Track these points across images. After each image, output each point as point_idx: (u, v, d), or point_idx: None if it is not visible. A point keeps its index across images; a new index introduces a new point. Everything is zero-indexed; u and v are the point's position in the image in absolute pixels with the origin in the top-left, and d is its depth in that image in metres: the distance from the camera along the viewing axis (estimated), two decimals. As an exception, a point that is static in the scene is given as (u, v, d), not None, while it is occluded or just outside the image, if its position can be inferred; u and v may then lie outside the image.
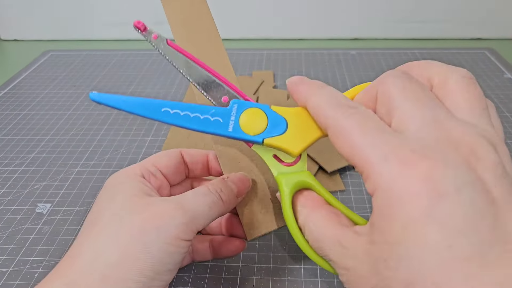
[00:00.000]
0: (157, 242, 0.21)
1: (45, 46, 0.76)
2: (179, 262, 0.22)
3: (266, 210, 0.27)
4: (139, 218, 0.21)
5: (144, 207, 0.22)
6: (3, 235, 0.35)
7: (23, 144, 0.47)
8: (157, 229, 0.21)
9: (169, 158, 0.27)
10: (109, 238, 0.21)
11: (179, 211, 0.22)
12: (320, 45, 0.73)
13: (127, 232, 0.21)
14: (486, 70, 0.61)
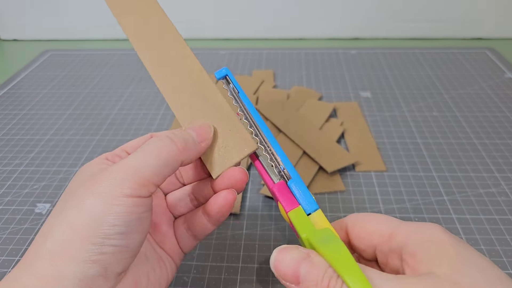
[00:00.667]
0: (99, 206, 0.20)
1: (45, 46, 0.76)
2: (135, 222, 0.20)
3: (227, 144, 0.25)
4: (82, 189, 0.21)
5: (90, 178, 0.21)
6: (3, 235, 0.35)
7: (22, 144, 0.47)
8: (97, 194, 0.20)
9: (136, 140, 0.26)
10: (56, 217, 0.20)
11: (119, 169, 0.21)
12: (320, 45, 0.73)
13: (70, 205, 0.20)
14: (486, 70, 0.61)
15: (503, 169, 0.41)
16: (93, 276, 0.19)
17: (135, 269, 0.23)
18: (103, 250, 0.19)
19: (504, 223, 0.35)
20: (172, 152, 0.22)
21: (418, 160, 0.43)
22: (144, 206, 0.21)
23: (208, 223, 0.26)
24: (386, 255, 0.21)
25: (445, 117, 0.50)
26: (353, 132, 0.47)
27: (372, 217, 0.22)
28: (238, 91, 0.25)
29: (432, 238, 0.19)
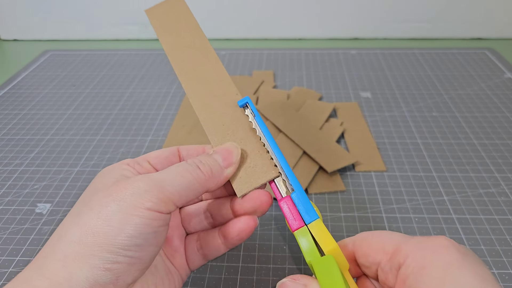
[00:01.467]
0: (118, 214, 0.20)
1: (45, 46, 0.76)
2: (150, 236, 0.20)
3: (255, 164, 0.25)
4: (102, 194, 0.21)
5: (113, 184, 0.21)
6: (3, 235, 0.35)
7: (22, 144, 0.47)
8: (118, 201, 0.20)
9: (161, 151, 0.26)
10: (73, 218, 0.20)
11: (144, 181, 0.21)
12: (320, 45, 0.73)
13: (89, 209, 0.20)
14: (486, 70, 0.61)
15: (503, 169, 0.41)
16: (104, 283, 0.19)
17: (144, 279, 0.23)
18: (117, 259, 0.19)
19: (504, 223, 0.35)
20: (199, 179, 0.22)
21: (418, 160, 0.43)
22: (162, 220, 0.21)
23: (222, 245, 0.26)
24: (387, 273, 0.21)
25: (444, 118, 0.50)
26: (353, 132, 0.47)
27: (378, 234, 0.22)
28: (255, 114, 0.27)
29: (425, 262, 0.19)
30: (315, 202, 0.38)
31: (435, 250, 0.19)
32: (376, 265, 0.22)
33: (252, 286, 0.30)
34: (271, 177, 0.24)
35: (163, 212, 0.21)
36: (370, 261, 0.22)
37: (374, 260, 0.22)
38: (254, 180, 0.24)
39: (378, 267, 0.22)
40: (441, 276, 0.18)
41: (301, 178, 0.39)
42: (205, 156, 0.24)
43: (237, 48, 0.71)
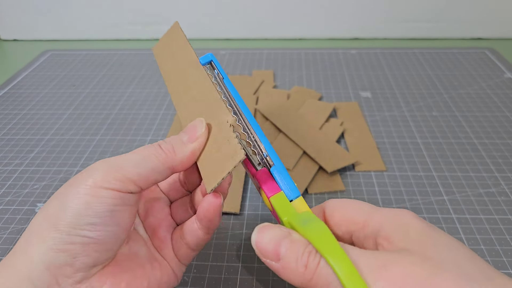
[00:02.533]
0: (75, 195, 0.20)
1: (45, 46, 0.76)
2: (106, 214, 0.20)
3: (218, 148, 0.23)
4: (66, 184, 0.21)
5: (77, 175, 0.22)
6: (3, 235, 0.35)
7: (22, 143, 0.47)
8: (76, 185, 0.20)
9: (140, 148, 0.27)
10: (39, 211, 0.21)
11: (100, 163, 0.21)
12: (320, 45, 0.73)
13: (51, 199, 0.21)
14: (486, 70, 0.61)
15: (503, 169, 0.41)
16: (60, 264, 0.19)
17: (117, 263, 0.22)
18: (72, 240, 0.19)
19: (504, 223, 0.35)
20: (160, 157, 0.22)
21: (418, 160, 0.43)
22: (119, 199, 0.21)
23: (199, 230, 0.25)
24: (362, 241, 0.21)
25: (445, 117, 0.50)
26: (353, 132, 0.47)
27: (349, 204, 0.23)
28: (223, 76, 0.25)
29: (405, 222, 0.20)
30: (315, 202, 0.38)
31: (408, 217, 0.20)
32: (349, 234, 0.22)
33: (252, 286, 0.30)
34: (237, 160, 0.21)
35: (121, 190, 0.21)
36: (343, 230, 0.22)
37: (347, 230, 0.22)
38: (222, 171, 0.22)
39: (353, 236, 0.22)
40: (424, 232, 0.19)
41: (301, 178, 0.39)
42: (171, 137, 0.24)
43: (237, 48, 0.71)
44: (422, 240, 0.18)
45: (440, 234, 0.19)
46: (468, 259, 0.18)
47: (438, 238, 0.18)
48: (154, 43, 0.76)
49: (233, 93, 0.25)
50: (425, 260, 0.17)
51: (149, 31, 0.77)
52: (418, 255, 0.17)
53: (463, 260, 0.17)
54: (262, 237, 0.20)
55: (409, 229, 0.19)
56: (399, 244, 0.18)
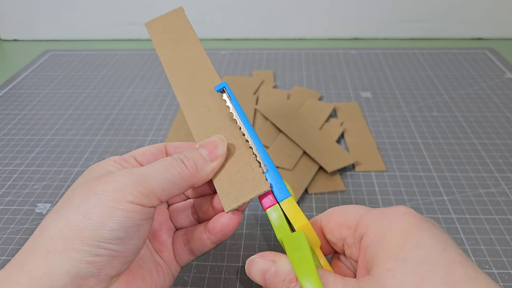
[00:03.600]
0: (99, 207, 0.20)
1: (45, 46, 0.76)
2: (132, 229, 0.20)
3: (245, 178, 0.24)
4: (83, 188, 0.21)
5: (96, 178, 0.21)
6: (3, 235, 0.35)
7: (23, 144, 0.47)
8: (99, 194, 0.20)
9: (148, 147, 0.26)
10: (54, 213, 0.20)
11: (126, 175, 0.21)
12: (320, 45, 0.73)
13: (70, 203, 0.20)
14: (486, 70, 0.61)
15: (503, 169, 0.41)
16: (86, 276, 0.19)
17: (130, 271, 0.23)
18: (99, 252, 0.19)
19: (504, 223, 0.35)
20: (183, 174, 0.22)
21: (418, 160, 0.43)
22: (144, 214, 0.21)
23: (207, 241, 0.25)
24: (351, 247, 0.21)
25: (445, 117, 0.50)
26: (353, 132, 0.47)
27: (344, 209, 0.23)
28: (231, 98, 0.26)
29: (385, 229, 0.19)
30: (315, 202, 0.38)
31: (395, 217, 0.19)
32: (342, 241, 0.22)
33: (252, 286, 0.30)
34: (261, 191, 0.23)
35: (145, 205, 0.21)
36: (337, 236, 0.22)
37: (340, 236, 0.22)
38: (243, 194, 0.23)
39: (344, 243, 0.22)
40: (400, 241, 0.18)
41: (301, 178, 0.39)
42: (190, 151, 0.24)
43: (237, 48, 0.71)
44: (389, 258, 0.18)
45: (423, 235, 0.18)
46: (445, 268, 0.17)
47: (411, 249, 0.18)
48: (154, 43, 0.76)
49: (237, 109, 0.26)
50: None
51: (149, 31, 0.77)
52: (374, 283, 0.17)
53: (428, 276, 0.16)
54: (251, 270, 0.22)
55: (384, 239, 0.19)
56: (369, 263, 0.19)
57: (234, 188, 0.24)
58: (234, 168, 0.24)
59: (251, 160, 0.24)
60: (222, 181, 0.24)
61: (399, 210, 0.20)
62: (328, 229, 0.23)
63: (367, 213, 0.21)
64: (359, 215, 0.21)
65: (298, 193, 0.38)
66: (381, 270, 0.18)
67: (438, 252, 0.17)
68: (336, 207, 0.23)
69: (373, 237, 0.19)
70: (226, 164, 0.25)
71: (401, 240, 0.18)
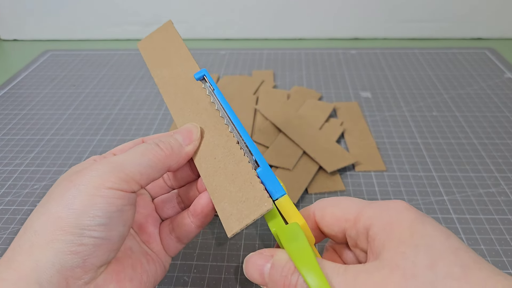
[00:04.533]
0: (79, 197, 0.20)
1: (45, 46, 0.76)
2: (115, 214, 0.20)
3: (246, 197, 0.23)
4: (63, 183, 0.21)
5: (75, 173, 0.22)
6: (3, 235, 0.35)
7: (22, 143, 0.47)
8: (78, 185, 0.20)
9: (126, 144, 0.27)
10: (37, 210, 0.21)
11: (103, 164, 0.21)
12: (320, 45, 0.73)
13: (51, 198, 0.21)
14: (486, 70, 0.61)
15: (503, 169, 0.41)
16: (71, 267, 0.19)
17: (119, 261, 0.23)
18: (82, 241, 0.19)
19: (504, 223, 0.35)
20: (159, 156, 0.23)
21: (418, 160, 0.43)
22: (126, 199, 0.21)
23: (191, 225, 0.26)
24: (355, 238, 0.21)
25: (445, 117, 0.50)
26: (353, 132, 0.47)
27: (338, 202, 0.23)
28: (214, 88, 0.26)
29: (392, 219, 0.20)
30: (314, 202, 0.38)
31: (398, 210, 0.20)
32: (342, 233, 0.22)
33: (252, 286, 0.30)
34: (264, 210, 0.22)
35: (126, 190, 0.21)
36: (336, 230, 0.22)
37: (339, 229, 0.22)
38: (245, 216, 0.22)
39: (346, 234, 0.22)
40: (409, 229, 0.19)
41: (301, 178, 0.39)
42: (164, 135, 0.25)
43: (237, 48, 0.71)
44: (400, 243, 0.18)
45: (426, 228, 0.19)
46: (446, 257, 0.17)
47: (420, 236, 0.18)
48: (154, 43, 0.76)
49: (222, 102, 0.26)
50: (394, 271, 0.17)
51: (149, 31, 0.77)
52: (387, 265, 0.18)
53: (438, 261, 0.17)
54: (247, 267, 0.22)
55: (392, 228, 0.19)
56: (380, 249, 0.19)
57: (235, 208, 0.23)
58: (234, 187, 0.23)
59: (251, 176, 0.23)
60: (223, 202, 0.23)
61: (400, 204, 0.20)
62: (325, 223, 0.23)
63: (367, 206, 0.21)
64: (358, 208, 0.21)
65: (298, 193, 0.38)
66: (393, 254, 0.18)
67: (443, 240, 0.18)
68: (326, 199, 0.24)
69: (381, 226, 0.20)
70: (226, 183, 0.24)
71: (410, 229, 0.19)
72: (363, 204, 0.22)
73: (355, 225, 0.21)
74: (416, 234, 0.18)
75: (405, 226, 0.19)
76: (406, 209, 0.20)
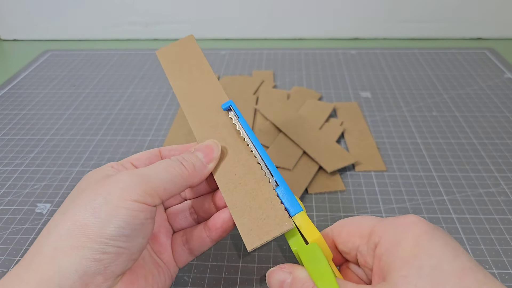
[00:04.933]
0: (105, 206, 0.20)
1: (45, 46, 0.76)
2: (137, 227, 0.21)
3: (267, 215, 0.24)
4: (88, 191, 0.21)
5: (98, 181, 0.22)
6: (3, 235, 0.35)
7: (22, 144, 0.47)
8: (105, 195, 0.21)
9: (142, 153, 0.27)
10: (61, 214, 0.21)
11: (130, 175, 0.22)
12: (320, 45, 0.73)
13: (76, 204, 0.21)
14: (486, 70, 0.61)
15: (503, 169, 0.41)
16: (93, 274, 0.20)
17: (134, 271, 0.23)
18: (106, 250, 0.20)
19: (504, 222, 0.35)
20: (182, 174, 0.24)
21: (418, 160, 0.43)
22: (148, 212, 0.21)
23: (207, 238, 0.26)
24: (365, 256, 0.22)
25: (444, 117, 0.50)
26: (353, 132, 0.47)
27: (356, 220, 0.23)
28: (238, 116, 0.27)
29: (397, 238, 0.20)
30: (315, 202, 0.38)
31: (406, 226, 0.20)
32: (355, 250, 0.23)
33: (252, 286, 0.30)
34: (285, 229, 0.23)
35: (149, 204, 0.21)
36: (350, 246, 0.23)
37: (353, 246, 0.23)
38: (265, 232, 0.23)
39: (357, 252, 0.22)
40: (413, 248, 0.19)
41: (301, 178, 0.39)
42: (187, 153, 0.25)
43: (237, 48, 0.71)
44: (403, 266, 0.18)
45: (434, 244, 0.19)
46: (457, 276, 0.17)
47: (425, 257, 0.18)
48: (154, 43, 0.76)
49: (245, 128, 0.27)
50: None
51: (149, 31, 0.77)
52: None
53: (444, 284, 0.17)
54: (270, 281, 0.23)
55: (398, 249, 0.19)
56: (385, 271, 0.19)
57: (255, 225, 0.24)
58: (254, 204, 0.24)
59: (272, 195, 0.24)
60: (243, 217, 0.24)
61: (409, 219, 0.20)
62: (341, 240, 0.23)
63: (379, 222, 0.22)
64: (372, 225, 0.22)
65: (298, 193, 0.38)
66: (396, 277, 0.18)
67: (450, 259, 0.18)
68: (347, 219, 0.24)
69: (387, 245, 0.20)
70: (246, 199, 0.25)
71: (415, 248, 0.19)
72: (377, 220, 0.22)
73: (367, 242, 0.22)
74: (421, 253, 0.18)
75: (410, 245, 0.19)
76: (413, 224, 0.20)
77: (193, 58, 0.31)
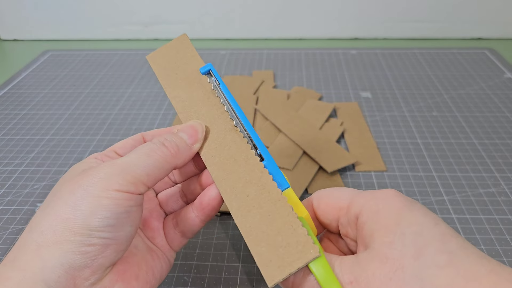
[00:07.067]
0: (87, 198, 0.20)
1: (45, 46, 0.76)
2: (123, 215, 0.20)
3: (287, 242, 0.20)
4: (68, 183, 0.21)
5: (79, 173, 0.22)
6: (3, 235, 0.35)
7: (22, 143, 0.47)
8: (85, 187, 0.20)
9: (126, 140, 0.27)
10: (42, 210, 0.21)
11: (110, 166, 0.21)
12: (320, 45, 0.73)
13: (57, 198, 0.21)
14: (486, 70, 0.61)
15: (503, 169, 0.41)
16: (79, 267, 0.19)
17: (125, 260, 0.23)
18: (91, 241, 0.19)
19: (504, 223, 0.35)
20: (165, 157, 0.23)
21: (418, 160, 0.43)
22: (133, 200, 0.21)
23: (196, 219, 0.25)
24: (346, 226, 0.22)
25: (444, 117, 0.50)
26: (353, 132, 0.47)
27: (334, 191, 0.23)
28: (219, 82, 0.26)
29: (379, 207, 0.20)
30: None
31: (386, 198, 0.20)
32: (336, 221, 0.23)
33: (252, 286, 0.30)
34: (310, 258, 0.19)
35: (133, 192, 0.21)
36: (330, 218, 0.23)
37: (333, 217, 0.23)
38: (287, 263, 0.20)
39: (338, 223, 0.23)
40: (396, 217, 0.19)
41: (301, 178, 0.39)
42: (169, 134, 0.24)
43: (237, 48, 0.71)
44: (387, 233, 0.19)
45: (415, 213, 0.19)
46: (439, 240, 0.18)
47: (407, 224, 0.19)
48: (154, 43, 0.76)
49: (228, 97, 0.26)
50: (383, 263, 0.18)
51: (149, 31, 0.77)
52: (376, 256, 0.18)
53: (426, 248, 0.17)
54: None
55: (380, 217, 0.19)
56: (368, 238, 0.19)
57: (275, 254, 0.20)
58: (272, 229, 0.21)
59: (291, 217, 0.21)
60: (259, 246, 0.21)
61: (390, 193, 0.21)
62: (321, 212, 0.23)
63: (358, 194, 0.22)
64: (350, 197, 0.22)
65: (298, 193, 0.38)
66: (380, 243, 0.18)
67: (431, 227, 0.18)
68: (323, 190, 0.24)
69: (369, 214, 0.20)
70: (262, 224, 0.21)
71: (397, 217, 0.19)
72: (355, 193, 0.22)
73: (347, 214, 0.22)
74: (403, 221, 0.19)
75: (392, 214, 0.19)
76: (394, 196, 0.20)
77: (188, 61, 0.28)
